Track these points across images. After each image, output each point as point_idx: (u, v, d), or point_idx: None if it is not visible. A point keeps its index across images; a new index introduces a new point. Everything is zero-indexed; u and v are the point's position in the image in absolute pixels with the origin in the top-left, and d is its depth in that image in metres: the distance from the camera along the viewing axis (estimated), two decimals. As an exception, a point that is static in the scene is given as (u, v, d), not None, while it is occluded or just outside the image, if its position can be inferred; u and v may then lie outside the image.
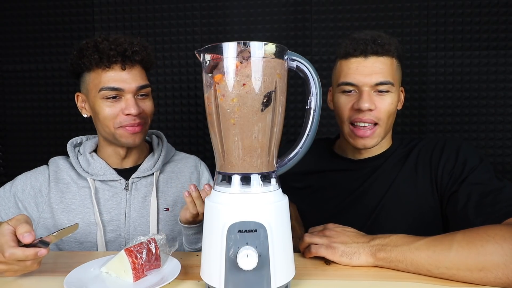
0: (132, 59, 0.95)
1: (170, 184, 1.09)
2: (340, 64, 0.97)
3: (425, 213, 0.93)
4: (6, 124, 1.88)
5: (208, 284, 0.61)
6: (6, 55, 1.85)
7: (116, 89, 0.94)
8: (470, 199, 0.84)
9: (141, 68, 1.00)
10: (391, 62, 0.94)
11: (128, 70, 0.96)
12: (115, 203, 1.02)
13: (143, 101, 0.99)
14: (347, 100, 0.96)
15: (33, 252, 0.66)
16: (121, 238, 1.01)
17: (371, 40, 0.93)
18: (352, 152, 1.04)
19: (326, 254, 0.74)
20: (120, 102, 0.96)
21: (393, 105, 0.95)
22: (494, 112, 1.64)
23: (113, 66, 0.94)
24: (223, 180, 0.64)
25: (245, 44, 0.58)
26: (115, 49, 0.93)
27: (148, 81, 1.01)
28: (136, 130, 0.97)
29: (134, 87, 0.95)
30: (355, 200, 1.00)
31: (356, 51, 0.93)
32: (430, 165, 0.95)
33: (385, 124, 0.95)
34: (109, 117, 0.96)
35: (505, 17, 1.62)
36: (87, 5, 1.80)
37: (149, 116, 1.01)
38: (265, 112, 0.60)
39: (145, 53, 0.98)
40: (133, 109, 0.94)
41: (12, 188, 1.01)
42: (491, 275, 0.63)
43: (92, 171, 1.03)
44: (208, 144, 1.80)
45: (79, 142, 1.11)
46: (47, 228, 0.99)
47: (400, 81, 0.99)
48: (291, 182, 1.08)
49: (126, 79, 0.95)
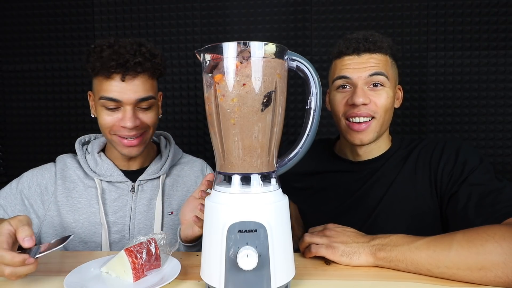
0: (134, 70, 0.91)
1: (176, 187, 1.09)
2: (335, 63, 0.99)
3: (424, 214, 0.93)
4: (6, 124, 1.88)
5: (208, 284, 0.61)
6: (6, 55, 1.85)
7: (114, 100, 0.92)
8: (470, 199, 0.84)
9: (147, 78, 0.95)
10: (385, 59, 0.95)
11: (129, 81, 0.92)
12: (120, 205, 1.02)
13: (144, 113, 0.96)
14: (341, 96, 0.96)
15: (21, 259, 0.63)
16: (125, 240, 1.00)
17: (363, 38, 0.94)
18: (352, 153, 1.04)
19: (326, 254, 0.74)
20: (119, 113, 0.94)
21: (389, 100, 0.94)
22: (494, 112, 1.64)
23: (113, 76, 0.91)
24: (223, 180, 0.64)
25: (245, 44, 0.58)
26: (116, 59, 0.90)
27: (153, 91, 0.96)
28: (133, 143, 0.96)
29: (133, 99, 0.92)
30: (355, 201, 1.00)
31: (348, 49, 0.94)
32: (429, 166, 0.95)
33: (382, 119, 0.94)
34: (105, 125, 0.95)
35: (505, 17, 1.62)
36: (87, 5, 1.80)
37: (151, 126, 0.98)
38: (265, 112, 0.60)
39: (150, 63, 0.93)
40: (129, 122, 0.92)
41: (19, 185, 1.01)
42: (490, 274, 0.63)
43: (99, 171, 1.02)
44: (208, 144, 1.80)
45: (87, 141, 1.10)
46: (53, 226, 0.99)
47: (396, 79, 0.99)
48: (292, 183, 1.08)
49: (126, 91, 0.91)
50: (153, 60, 0.94)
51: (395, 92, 0.98)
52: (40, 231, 1.00)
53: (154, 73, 0.97)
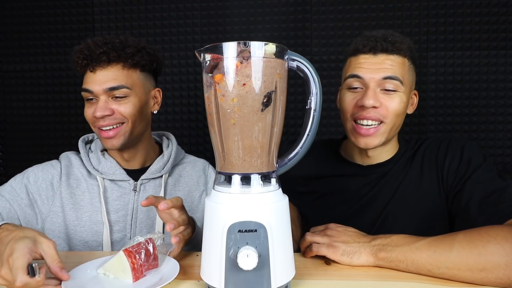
0: (99, 60, 0.94)
1: (178, 187, 1.08)
2: (349, 61, 0.94)
3: (432, 213, 0.92)
4: (6, 124, 1.88)
5: (208, 284, 0.61)
6: (6, 55, 1.85)
7: (87, 91, 0.96)
8: (473, 197, 0.83)
9: (120, 68, 0.96)
10: (403, 61, 0.90)
11: (99, 72, 0.95)
12: (122, 204, 1.01)
13: (117, 103, 0.96)
14: (351, 97, 0.92)
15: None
16: (126, 239, 1.00)
17: (382, 37, 0.89)
18: (360, 157, 1.00)
19: (327, 253, 0.74)
20: (95, 104, 0.96)
21: (401, 105, 0.89)
22: (494, 112, 1.64)
23: (86, 69, 0.96)
24: (224, 180, 0.64)
25: (245, 44, 0.58)
26: (83, 52, 0.94)
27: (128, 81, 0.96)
28: (110, 134, 0.96)
29: (102, 89, 0.94)
30: (363, 206, 0.97)
31: (365, 47, 0.89)
32: (436, 164, 0.93)
33: (391, 124, 0.90)
34: (87, 117, 0.99)
35: (505, 17, 1.62)
36: (87, 5, 1.80)
37: (128, 118, 0.97)
38: (265, 112, 0.60)
39: (117, 53, 0.94)
40: (98, 112, 0.94)
41: (24, 180, 1.00)
42: (492, 276, 0.63)
43: (102, 169, 1.02)
44: (208, 144, 1.80)
45: (90, 139, 1.10)
46: (56, 222, 0.99)
47: (411, 84, 0.94)
48: (296, 187, 1.04)
49: (96, 81, 0.94)
50: (125, 50, 0.96)
51: (409, 98, 0.94)
52: (43, 228, 0.99)
53: (128, 63, 0.96)
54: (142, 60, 0.99)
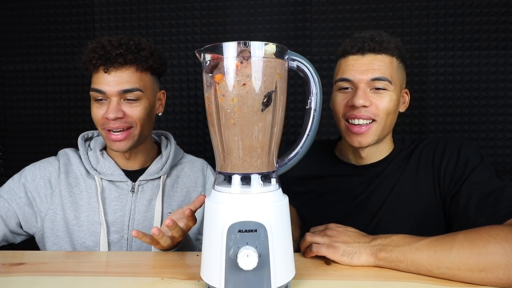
0: (115, 62, 0.92)
1: (176, 188, 1.08)
2: (339, 63, 0.97)
3: (427, 214, 0.93)
4: (6, 124, 1.88)
5: (208, 284, 0.61)
6: (6, 55, 1.84)
7: (99, 91, 0.94)
8: (471, 198, 0.83)
9: (134, 71, 0.95)
10: (390, 60, 0.93)
11: (113, 73, 0.93)
12: (120, 205, 1.01)
13: (130, 106, 0.95)
14: (342, 97, 0.95)
15: None
16: (124, 240, 1.00)
17: (369, 38, 0.92)
18: (355, 156, 1.02)
19: (327, 253, 0.74)
20: (105, 105, 0.95)
21: (391, 103, 0.92)
22: (494, 112, 1.64)
23: (98, 68, 0.94)
24: (223, 180, 0.64)
25: (245, 44, 0.58)
26: (98, 52, 0.93)
27: (141, 84, 0.96)
28: (118, 137, 0.95)
29: (116, 90, 0.93)
30: (358, 205, 0.98)
31: (353, 48, 0.92)
32: (432, 165, 0.94)
33: (383, 122, 0.92)
34: (95, 118, 0.97)
35: (505, 17, 1.62)
36: (87, 5, 1.79)
37: (138, 122, 0.97)
38: (265, 112, 0.60)
39: (134, 55, 0.94)
40: (111, 113, 0.93)
41: (21, 178, 1.00)
42: (492, 276, 0.63)
43: (100, 169, 1.02)
44: (208, 144, 1.80)
45: (90, 137, 1.10)
46: (55, 221, 0.98)
47: (401, 83, 0.96)
48: (293, 187, 1.05)
49: (110, 82, 0.93)
50: (140, 53, 0.95)
51: (400, 96, 0.96)
52: (43, 227, 0.99)
53: (142, 66, 0.96)
54: (155, 63, 0.99)
